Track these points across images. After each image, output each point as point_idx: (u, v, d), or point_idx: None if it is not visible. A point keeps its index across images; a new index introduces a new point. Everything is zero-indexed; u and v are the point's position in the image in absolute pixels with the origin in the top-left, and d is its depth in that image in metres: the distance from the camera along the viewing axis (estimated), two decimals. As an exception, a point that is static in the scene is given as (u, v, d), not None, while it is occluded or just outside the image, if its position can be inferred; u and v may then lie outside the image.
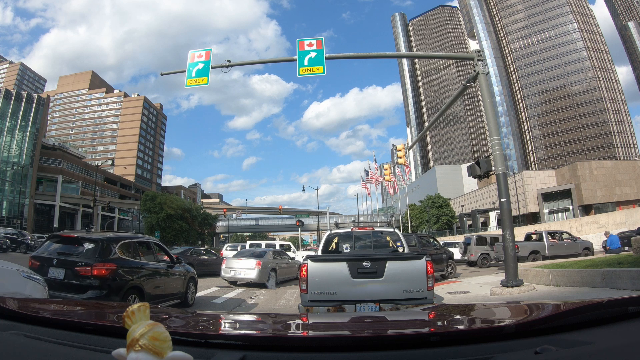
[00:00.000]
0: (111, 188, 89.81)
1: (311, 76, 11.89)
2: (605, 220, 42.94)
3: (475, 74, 11.48)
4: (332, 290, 5.91)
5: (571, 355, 1.13)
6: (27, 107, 72.42)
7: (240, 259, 15.19)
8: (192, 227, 67.32)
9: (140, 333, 0.90)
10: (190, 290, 9.35)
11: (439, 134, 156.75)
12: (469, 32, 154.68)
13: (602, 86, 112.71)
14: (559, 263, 11.84)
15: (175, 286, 8.58)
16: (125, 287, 6.81)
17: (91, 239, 6.95)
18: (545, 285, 9.82)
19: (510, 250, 9.67)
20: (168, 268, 8.42)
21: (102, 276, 6.45)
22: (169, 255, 8.85)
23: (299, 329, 1.82)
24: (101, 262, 6.55)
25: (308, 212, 77.04)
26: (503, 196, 10.00)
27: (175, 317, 1.93)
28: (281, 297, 11.99)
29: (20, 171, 67.36)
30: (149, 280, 7.57)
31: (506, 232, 9.81)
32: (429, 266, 5.94)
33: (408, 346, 1.22)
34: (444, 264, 15.75)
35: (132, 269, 7.20)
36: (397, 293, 5.81)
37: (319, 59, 11.61)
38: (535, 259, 18.09)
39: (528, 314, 1.67)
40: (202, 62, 12.27)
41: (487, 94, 11.18)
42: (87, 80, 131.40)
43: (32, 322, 1.47)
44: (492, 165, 10.54)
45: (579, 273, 9.28)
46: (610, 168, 71.16)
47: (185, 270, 9.35)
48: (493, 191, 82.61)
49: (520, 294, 9.14)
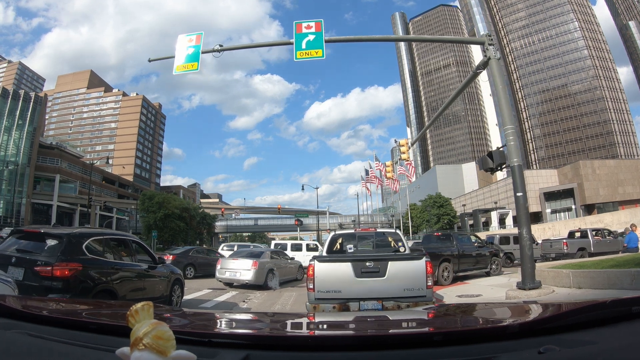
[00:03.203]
0: (109, 188, 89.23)
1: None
2: (610, 220, 42.32)
3: (487, 59, 10.65)
4: (338, 289, 6.28)
5: (575, 355, 1.14)
6: (25, 106, 71.49)
7: (236, 259, 14.34)
8: (191, 227, 66.63)
9: (144, 332, 0.90)
10: (175, 294, 8.44)
11: (439, 133, 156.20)
12: (469, 31, 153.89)
13: (603, 85, 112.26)
14: (578, 263, 10.98)
15: (157, 289, 7.69)
16: (94, 290, 5.93)
17: (55, 235, 6.09)
18: (565, 287, 8.97)
19: (528, 249, 8.81)
20: (149, 269, 7.53)
21: (65, 277, 5.60)
22: (150, 255, 7.93)
23: (302, 328, 1.84)
24: (64, 261, 5.69)
25: (307, 211, 76.23)
26: (519, 190, 9.14)
27: (179, 316, 1.99)
28: (277, 301, 11.14)
29: (18, 170, 66.59)
30: (124, 283, 6.70)
31: (523, 229, 8.95)
32: (428, 266, 6.34)
33: (411, 346, 1.23)
34: (487, 262, 15.30)
35: (103, 269, 6.33)
36: (398, 291, 6.22)
37: (317, 42, 10.71)
38: (582, 255, 18.37)
39: (531, 313, 1.71)
40: (192, 46, 11.40)
41: (500, 81, 10.34)
42: (85, 79, 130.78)
43: (35, 321, 1.47)
44: (505, 157, 9.69)
45: (604, 274, 8.44)
46: (613, 167, 70.51)
47: (170, 271, 8.46)
48: (494, 191, 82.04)
49: (539, 297, 8.29)
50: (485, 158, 10.12)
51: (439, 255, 12.87)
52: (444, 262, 13.03)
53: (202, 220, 71.34)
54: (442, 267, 12.90)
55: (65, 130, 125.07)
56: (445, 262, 13.09)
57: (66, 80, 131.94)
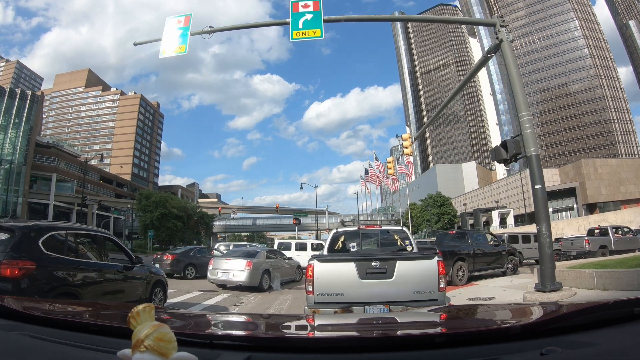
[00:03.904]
0: (107, 187, 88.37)
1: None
2: (614, 219, 41.73)
3: (498, 42, 9.83)
4: (340, 292, 5.70)
5: (577, 356, 1.14)
6: (21, 104, 70.52)
7: (229, 259, 13.46)
8: (188, 227, 65.92)
9: (145, 334, 0.91)
10: (156, 297, 7.55)
11: (439, 133, 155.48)
12: (469, 30, 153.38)
13: (603, 84, 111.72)
14: (600, 262, 10.12)
15: (133, 292, 6.81)
16: (51, 293, 5.07)
17: (6, 228, 5.22)
18: (588, 289, 8.14)
19: (547, 247, 7.94)
20: (124, 269, 6.65)
21: (14, 277, 4.77)
22: (126, 254, 7.04)
23: (304, 330, 1.82)
24: (15, 258, 4.84)
25: (306, 211, 75.43)
26: (537, 182, 8.27)
27: (180, 318, 1.97)
28: (272, 304, 10.29)
29: (14, 169, 65.68)
30: (91, 285, 5.83)
31: (542, 225, 8.06)
32: (440, 266, 5.74)
33: (413, 347, 1.23)
34: (504, 261, 14.71)
35: (64, 269, 5.44)
36: (407, 294, 5.62)
37: (315, 21, 9.85)
38: (604, 253, 18.12)
39: (534, 315, 1.70)
40: (181, 28, 10.52)
41: (513, 64, 9.47)
42: (83, 78, 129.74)
43: (37, 323, 1.47)
44: (521, 146, 8.84)
45: (633, 274, 7.60)
46: (615, 166, 69.84)
47: (149, 272, 7.58)
48: (495, 190, 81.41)
49: (561, 300, 7.45)
50: (499, 148, 9.25)
51: (453, 254, 12.43)
52: (458, 261, 12.57)
53: (199, 220, 70.66)
54: (457, 267, 12.41)
55: (62, 129, 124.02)
56: (459, 261, 12.60)
57: (64, 79, 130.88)
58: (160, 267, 17.11)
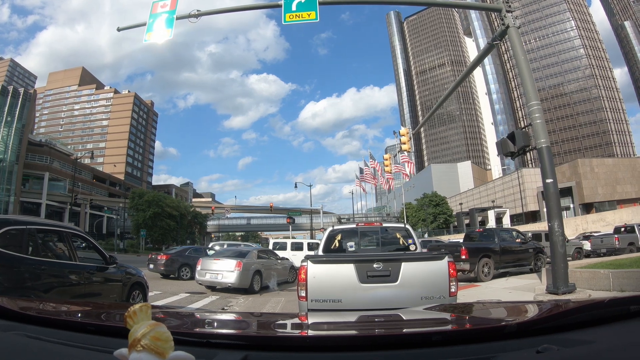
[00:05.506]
0: (100, 186, 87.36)
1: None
2: (612, 218, 41.52)
3: (505, 28, 9.26)
4: (337, 298, 4.96)
5: (573, 354, 1.14)
6: (13, 102, 69.52)
7: (218, 259, 12.75)
8: (181, 226, 65.18)
9: (142, 333, 0.90)
10: (135, 300, 6.89)
11: (434, 133, 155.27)
12: (465, 29, 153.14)
13: (599, 84, 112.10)
14: (614, 262, 9.55)
15: (107, 296, 6.15)
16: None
17: None
18: (603, 290, 7.57)
19: (560, 246, 7.36)
20: (97, 270, 6.01)
21: None
22: (100, 253, 6.37)
23: (301, 329, 1.82)
24: None
25: (301, 210, 74.67)
26: (549, 176, 7.69)
27: (177, 317, 1.98)
28: (263, 308, 9.67)
29: (6, 167, 64.71)
30: (55, 288, 5.17)
31: (554, 222, 7.49)
32: (451, 268, 5.01)
33: (409, 346, 1.23)
34: (531, 258, 14.71)
35: (22, 270, 4.81)
36: (414, 300, 4.81)
37: (310, 3, 9.22)
38: (632, 250, 18.62)
39: (529, 313, 1.72)
40: (166, 12, 9.85)
41: (521, 51, 8.89)
42: (77, 76, 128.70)
43: (33, 323, 1.48)
44: (529, 138, 8.26)
45: (654, 275, 7.05)
46: (612, 166, 69.57)
47: (126, 273, 6.92)
48: (490, 189, 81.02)
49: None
50: (506, 141, 8.68)
51: (478, 251, 12.72)
52: (484, 257, 12.74)
53: (193, 220, 69.92)
54: (482, 263, 12.58)
55: (56, 127, 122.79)
56: (485, 257, 12.76)
57: (57, 77, 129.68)
58: (154, 267, 16.62)
